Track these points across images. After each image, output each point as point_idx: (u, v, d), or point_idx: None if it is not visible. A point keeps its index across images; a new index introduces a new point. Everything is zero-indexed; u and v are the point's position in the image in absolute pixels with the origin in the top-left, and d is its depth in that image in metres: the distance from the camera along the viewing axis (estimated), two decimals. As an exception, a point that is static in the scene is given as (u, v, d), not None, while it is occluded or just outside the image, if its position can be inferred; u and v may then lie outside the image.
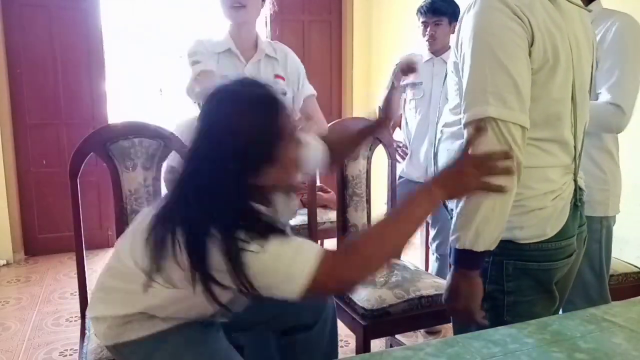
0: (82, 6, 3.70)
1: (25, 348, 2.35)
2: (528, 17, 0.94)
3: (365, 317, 1.57)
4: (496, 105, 0.92)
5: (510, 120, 0.92)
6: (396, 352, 0.79)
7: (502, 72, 0.93)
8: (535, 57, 0.95)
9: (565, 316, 0.93)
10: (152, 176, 1.66)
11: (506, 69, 0.92)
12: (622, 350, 0.79)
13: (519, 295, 1.04)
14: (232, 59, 1.80)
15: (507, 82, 0.92)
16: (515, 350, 0.79)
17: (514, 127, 0.92)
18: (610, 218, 1.63)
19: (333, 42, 4.50)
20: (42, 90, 3.68)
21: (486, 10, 0.95)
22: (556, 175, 1.03)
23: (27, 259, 3.73)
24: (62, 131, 3.76)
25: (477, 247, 0.95)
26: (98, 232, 3.91)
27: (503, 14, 0.94)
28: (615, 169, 1.61)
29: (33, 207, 3.76)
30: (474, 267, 0.99)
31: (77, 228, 1.55)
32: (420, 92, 2.38)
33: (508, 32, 0.93)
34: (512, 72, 0.92)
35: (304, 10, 4.36)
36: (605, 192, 1.58)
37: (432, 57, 2.38)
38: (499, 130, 0.92)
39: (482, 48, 0.95)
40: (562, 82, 1.00)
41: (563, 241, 1.04)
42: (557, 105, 1.01)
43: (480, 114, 0.93)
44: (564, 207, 1.04)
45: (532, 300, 1.05)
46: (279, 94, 1.00)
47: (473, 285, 0.99)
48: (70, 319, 2.66)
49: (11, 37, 3.57)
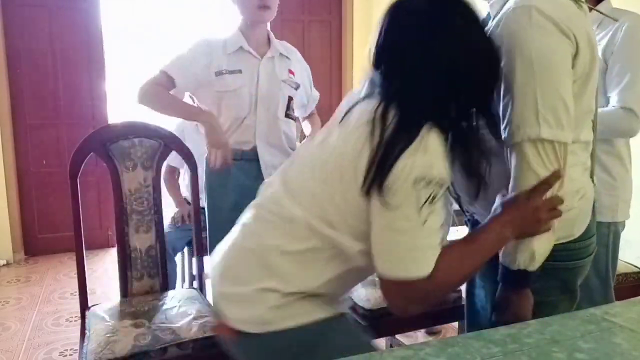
0: (82, 6, 3.71)
1: (25, 348, 2.35)
2: (573, 30, 0.92)
3: (366, 317, 1.57)
4: (549, 126, 0.92)
5: (562, 140, 0.93)
6: (396, 352, 0.79)
7: (553, 93, 0.93)
8: (578, 69, 0.95)
9: (565, 316, 0.92)
10: (152, 176, 1.66)
11: (557, 90, 0.93)
12: (623, 351, 0.79)
13: (543, 296, 1.03)
14: (245, 55, 1.81)
15: (558, 103, 0.93)
16: (515, 350, 0.79)
17: (565, 146, 0.94)
18: (619, 223, 1.61)
19: (333, 42, 4.50)
20: (42, 90, 3.69)
21: (529, 28, 0.92)
22: (577, 174, 1.02)
23: (27, 259, 3.73)
24: (62, 131, 3.76)
25: (532, 267, 0.98)
26: (98, 232, 3.92)
27: (548, 32, 0.92)
28: (625, 174, 1.59)
29: (33, 207, 3.76)
30: (527, 285, 1.01)
31: (77, 228, 1.55)
32: None
33: (556, 52, 0.93)
34: (562, 92, 0.93)
35: (304, 11, 4.36)
36: (614, 198, 1.56)
37: None
38: (552, 151, 0.93)
39: (528, 68, 0.93)
40: (592, 87, 1.01)
41: (587, 240, 1.05)
42: (587, 109, 1.02)
43: (534, 135, 0.93)
44: (588, 207, 1.05)
45: (556, 301, 1.05)
46: None
47: (527, 299, 1.02)
48: (70, 319, 2.66)
49: (11, 37, 3.57)
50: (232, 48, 1.79)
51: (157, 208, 1.67)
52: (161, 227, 1.67)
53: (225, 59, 1.78)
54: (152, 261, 1.65)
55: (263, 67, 1.82)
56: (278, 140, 1.86)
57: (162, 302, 1.54)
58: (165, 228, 1.72)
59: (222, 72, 1.76)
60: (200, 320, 1.42)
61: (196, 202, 1.77)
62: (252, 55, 1.81)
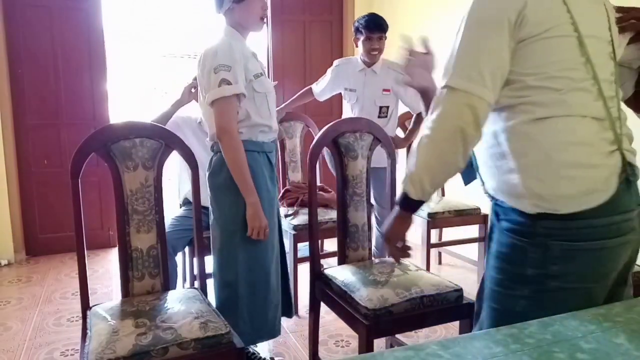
0: (84, 6, 3.71)
1: (27, 348, 2.35)
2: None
3: (368, 317, 1.57)
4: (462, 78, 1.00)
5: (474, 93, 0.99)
6: (397, 352, 0.79)
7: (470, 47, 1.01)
8: (525, 27, 0.99)
9: (566, 316, 0.92)
10: (153, 176, 1.66)
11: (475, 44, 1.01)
12: (624, 351, 0.79)
13: (563, 282, 0.99)
14: (256, 60, 1.93)
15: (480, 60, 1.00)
16: (516, 351, 0.79)
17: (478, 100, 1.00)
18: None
19: (334, 42, 4.50)
20: (43, 91, 3.69)
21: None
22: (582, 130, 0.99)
23: (28, 259, 3.73)
24: (63, 131, 3.76)
25: (411, 194, 1.09)
26: (99, 232, 3.92)
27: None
28: None
29: (34, 207, 3.76)
30: (408, 209, 1.13)
31: (78, 228, 1.56)
32: (354, 98, 2.85)
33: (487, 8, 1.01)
34: (479, 47, 1.00)
35: (304, 11, 4.36)
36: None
37: (365, 67, 2.83)
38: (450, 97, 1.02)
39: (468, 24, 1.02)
40: (562, 48, 1.00)
41: (615, 216, 0.98)
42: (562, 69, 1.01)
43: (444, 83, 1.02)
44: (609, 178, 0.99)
45: (578, 289, 1.00)
46: None
47: (407, 222, 1.16)
48: (72, 319, 2.66)
49: (13, 37, 3.57)
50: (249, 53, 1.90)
51: (158, 208, 1.67)
52: (162, 227, 1.67)
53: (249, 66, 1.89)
54: (153, 261, 1.66)
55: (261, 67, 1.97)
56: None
57: (163, 302, 1.55)
58: (165, 228, 1.72)
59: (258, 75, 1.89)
60: (201, 319, 1.42)
61: (196, 201, 1.77)
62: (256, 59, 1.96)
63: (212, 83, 1.74)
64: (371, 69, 2.81)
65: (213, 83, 1.73)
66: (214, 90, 1.73)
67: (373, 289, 1.63)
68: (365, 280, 1.70)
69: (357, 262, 1.93)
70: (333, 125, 1.95)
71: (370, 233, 2.02)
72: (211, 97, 1.74)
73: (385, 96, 2.82)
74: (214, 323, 1.41)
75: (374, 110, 2.80)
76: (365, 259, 1.98)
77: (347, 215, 1.96)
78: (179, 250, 2.43)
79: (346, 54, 4.45)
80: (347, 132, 1.96)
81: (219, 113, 1.75)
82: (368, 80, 2.82)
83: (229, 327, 1.43)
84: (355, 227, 1.97)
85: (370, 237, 2.03)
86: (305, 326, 2.29)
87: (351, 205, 1.96)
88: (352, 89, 2.85)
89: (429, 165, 1.05)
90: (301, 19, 4.36)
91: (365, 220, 1.99)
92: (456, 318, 1.74)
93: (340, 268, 1.87)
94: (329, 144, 1.95)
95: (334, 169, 2.17)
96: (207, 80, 1.76)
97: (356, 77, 2.84)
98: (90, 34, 3.75)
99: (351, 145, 1.96)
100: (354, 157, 1.96)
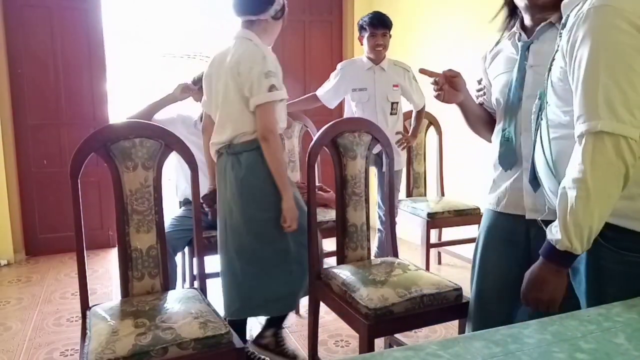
0: (83, 6, 3.71)
1: (26, 348, 2.35)
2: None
3: (369, 317, 1.57)
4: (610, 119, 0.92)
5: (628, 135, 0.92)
6: (397, 352, 0.79)
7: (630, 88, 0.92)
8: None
9: (566, 316, 0.92)
10: (153, 176, 1.66)
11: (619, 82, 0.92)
12: (623, 351, 0.79)
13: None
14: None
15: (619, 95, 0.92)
16: (516, 351, 0.78)
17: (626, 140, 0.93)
18: None
19: (334, 42, 4.50)
20: (43, 91, 3.69)
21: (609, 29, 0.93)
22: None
23: (28, 259, 3.74)
24: (63, 131, 3.76)
25: (578, 251, 0.99)
26: (99, 232, 3.92)
27: (628, 35, 0.92)
28: None
29: (34, 207, 3.76)
30: (568, 265, 1.03)
31: (77, 228, 1.56)
32: (366, 97, 2.86)
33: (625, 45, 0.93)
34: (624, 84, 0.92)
35: (304, 11, 4.36)
36: None
37: (372, 66, 2.85)
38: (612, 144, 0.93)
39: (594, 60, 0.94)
40: None
41: None
42: None
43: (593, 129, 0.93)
44: None
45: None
46: None
47: (563, 280, 1.04)
48: (71, 319, 2.66)
49: (12, 37, 3.57)
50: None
51: (157, 208, 1.67)
52: (162, 227, 1.67)
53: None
54: (153, 261, 1.65)
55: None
56: None
57: (162, 302, 1.54)
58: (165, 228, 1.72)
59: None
60: (200, 319, 1.42)
61: (196, 201, 1.77)
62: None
63: (263, 87, 1.82)
64: (379, 66, 2.85)
65: (264, 87, 1.82)
66: (264, 94, 1.82)
67: (373, 289, 1.63)
68: (365, 279, 1.70)
69: (356, 262, 1.93)
70: (332, 125, 1.95)
71: (369, 233, 2.02)
72: (261, 99, 1.82)
73: (395, 92, 2.88)
74: (213, 323, 1.41)
75: (387, 107, 2.86)
76: (364, 259, 1.98)
77: (346, 215, 1.96)
78: (179, 251, 2.43)
79: (346, 53, 4.45)
80: (346, 131, 1.96)
81: (266, 115, 1.83)
82: (378, 78, 2.85)
83: (228, 327, 1.43)
84: (354, 227, 1.97)
85: (369, 237, 2.03)
86: (305, 326, 2.29)
87: (350, 205, 1.96)
88: (361, 89, 2.87)
89: (601, 217, 0.99)
90: (301, 19, 4.36)
91: (364, 220, 1.99)
92: (456, 317, 1.74)
93: (339, 268, 1.87)
94: (328, 144, 1.95)
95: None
96: (256, 83, 1.82)
97: (365, 76, 2.86)
98: (90, 34, 3.75)
99: (350, 145, 1.96)
100: (353, 157, 1.96)
